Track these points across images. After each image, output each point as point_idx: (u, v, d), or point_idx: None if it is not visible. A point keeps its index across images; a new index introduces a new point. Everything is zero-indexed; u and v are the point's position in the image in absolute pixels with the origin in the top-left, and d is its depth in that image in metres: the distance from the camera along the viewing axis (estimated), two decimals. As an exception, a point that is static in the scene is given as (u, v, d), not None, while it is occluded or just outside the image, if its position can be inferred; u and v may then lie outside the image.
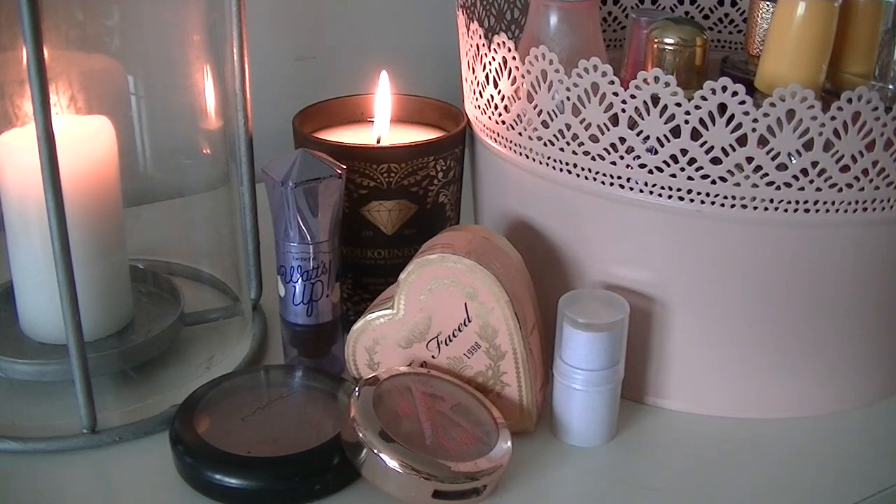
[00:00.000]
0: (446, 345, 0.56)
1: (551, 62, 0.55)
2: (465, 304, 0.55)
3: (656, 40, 0.60)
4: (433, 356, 0.57)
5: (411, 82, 0.73)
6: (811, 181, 0.52)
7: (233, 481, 0.51)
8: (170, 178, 0.69)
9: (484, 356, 0.56)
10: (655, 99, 0.52)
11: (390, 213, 0.62)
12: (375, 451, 0.49)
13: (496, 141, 0.62)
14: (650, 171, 0.54)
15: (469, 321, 0.55)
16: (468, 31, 0.62)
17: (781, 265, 0.55)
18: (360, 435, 0.50)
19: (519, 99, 0.58)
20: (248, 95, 0.63)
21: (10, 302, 0.62)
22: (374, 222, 0.63)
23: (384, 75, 0.67)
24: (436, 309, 0.55)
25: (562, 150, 0.56)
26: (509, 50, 0.58)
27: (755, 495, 0.54)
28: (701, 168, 0.52)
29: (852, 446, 0.58)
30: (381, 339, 0.57)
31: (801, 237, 0.54)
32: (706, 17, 0.81)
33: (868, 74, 0.60)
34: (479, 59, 0.61)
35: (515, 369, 0.55)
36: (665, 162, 0.53)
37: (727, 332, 0.57)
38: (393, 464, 0.49)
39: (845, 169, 0.52)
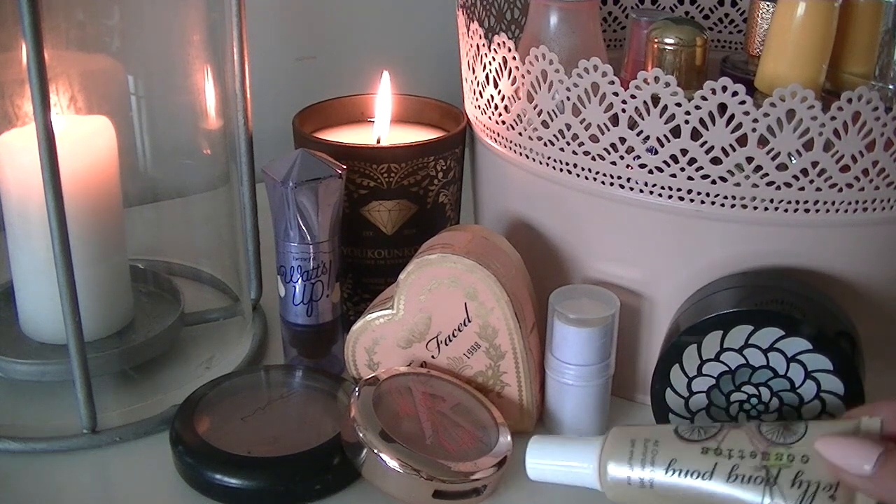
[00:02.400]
0: (446, 345, 0.56)
1: (551, 62, 0.55)
2: (465, 304, 0.55)
3: (656, 40, 0.60)
4: (433, 356, 0.57)
5: (411, 82, 0.73)
6: (811, 181, 0.52)
7: (233, 481, 0.51)
8: (170, 178, 0.69)
9: (484, 356, 0.56)
10: (655, 99, 0.52)
11: (390, 213, 0.62)
12: (375, 451, 0.49)
13: (496, 141, 0.62)
14: (650, 171, 0.54)
15: (469, 321, 0.55)
16: (468, 31, 0.62)
17: (781, 265, 0.55)
18: (361, 435, 0.50)
19: (519, 99, 0.58)
20: (248, 95, 0.63)
21: (10, 302, 0.62)
22: (374, 222, 0.63)
23: (386, 76, 0.67)
24: (435, 309, 0.55)
25: (562, 150, 0.56)
26: (509, 50, 0.58)
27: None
28: (701, 168, 0.52)
29: (852, 446, 0.57)
30: (380, 339, 0.57)
31: (801, 237, 0.54)
32: (706, 17, 0.81)
33: (868, 74, 0.60)
34: (479, 59, 0.61)
35: (515, 369, 0.55)
36: (665, 162, 0.53)
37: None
38: (393, 464, 0.49)
39: (845, 169, 0.52)
